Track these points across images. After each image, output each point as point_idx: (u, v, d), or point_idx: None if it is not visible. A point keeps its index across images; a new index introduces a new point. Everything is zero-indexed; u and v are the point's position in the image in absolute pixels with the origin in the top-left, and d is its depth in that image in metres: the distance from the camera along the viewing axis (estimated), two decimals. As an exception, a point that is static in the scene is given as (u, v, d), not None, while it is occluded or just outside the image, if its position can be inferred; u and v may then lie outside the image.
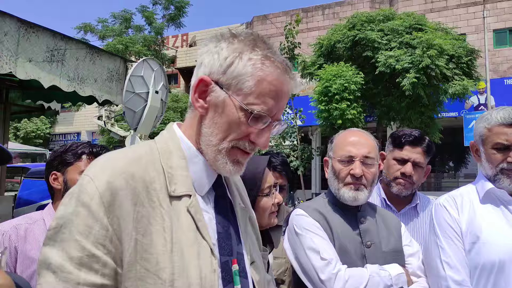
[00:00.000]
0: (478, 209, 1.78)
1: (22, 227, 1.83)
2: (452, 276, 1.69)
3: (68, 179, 1.91)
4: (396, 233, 1.87)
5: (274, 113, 1.04)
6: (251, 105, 1.01)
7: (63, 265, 0.89)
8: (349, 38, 14.95)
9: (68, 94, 4.71)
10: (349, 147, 1.82)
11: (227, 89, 1.02)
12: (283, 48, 14.16)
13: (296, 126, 14.83)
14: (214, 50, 1.05)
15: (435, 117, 15.42)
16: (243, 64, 1.01)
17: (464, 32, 18.73)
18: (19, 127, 27.60)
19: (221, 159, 1.04)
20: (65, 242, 0.91)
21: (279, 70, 1.03)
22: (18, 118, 19.93)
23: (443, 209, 1.83)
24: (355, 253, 1.73)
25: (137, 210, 0.94)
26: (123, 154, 1.02)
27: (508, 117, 1.72)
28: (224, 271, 1.01)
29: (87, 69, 4.58)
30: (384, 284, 1.64)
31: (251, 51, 1.02)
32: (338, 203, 1.83)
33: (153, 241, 0.93)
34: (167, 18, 22.97)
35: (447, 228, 1.78)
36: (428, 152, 2.28)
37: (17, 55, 3.75)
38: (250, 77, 1.01)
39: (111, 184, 0.93)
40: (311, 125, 18.76)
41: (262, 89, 1.01)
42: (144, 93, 6.96)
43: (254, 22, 24.13)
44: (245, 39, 1.04)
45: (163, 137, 1.09)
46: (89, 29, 22.36)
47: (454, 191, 1.91)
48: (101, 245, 0.90)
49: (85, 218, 0.91)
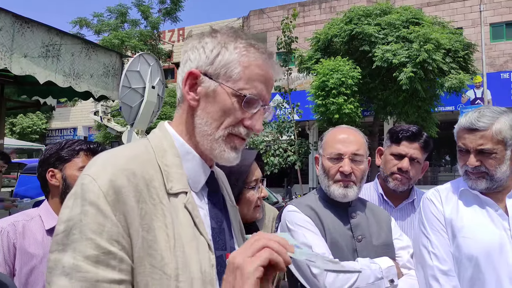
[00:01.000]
0: (460, 204, 1.85)
1: (19, 224, 1.84)
2: (438, 266, 1.77)
3: (67, 176, 1.92)
4: (386, 227, 1.91)
5: (264, 97, 1.07)
6: (242, 90, 1.04)
7: (78, 266, 0.88)
8: (346, 33, 14.93)
9: (64, 89, 4.69)
10: (338, 145, 1.85)
11: (216, 78, 1.05)
12: (280, 43, 14.14)
13: (293, 120, 14.84)
14: (199, 46, 1.08)
15: (432, 111, 15.45)
16: (229, 53, 1.05)
17: (461, 26, 18.73)
18: (15, 123, 27.50)
19: (218, 148, 1.06)
20: (77, 243, 0.89)
21: (264, 55, 1.08)
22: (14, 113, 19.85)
23: (429, 202, 1.91)
24: (346, 248, 1.77)
25: (141, 207, 0.94)
26: (121, 153, 1.02)
27: (467, 122, 1.78)
28: (219, 265, 1.03)
29: (83, 65, 4.56)
30: (374, 277, 1.68)
31: (235, 41, 1.07)
32: (329, 199, 1.87)
33: (156, 237, 0.94)
34: (163, 12, 22.85)
35: (433, 220, 1.86)
36: (426, 148, 2.29)
37: (12, 51, 3.73)
38: (238, 64, 1.04)
39: (113, 182, 0.93)
40: (308, 120, 18.77)
41: (250, 74, 1.05)
42: (140, 88, 6.93)
43: (250, 17, 24.06)
44: (227, 32, 1.09)
45: (156, 136, 1.10)
46: (85, 23, 22.23)
47: (442, 185, 1.98)
48: (115, 241, 0.90)
49: (95, 216, 0.90)
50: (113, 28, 21.80)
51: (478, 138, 1.74)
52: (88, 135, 28.19)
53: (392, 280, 1.71)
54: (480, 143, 1.74)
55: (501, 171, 1.75)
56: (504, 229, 1.74)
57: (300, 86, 19.13)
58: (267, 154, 14.58)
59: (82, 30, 22.20)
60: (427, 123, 15.03)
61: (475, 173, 1.78)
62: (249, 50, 1.06)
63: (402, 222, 2.30)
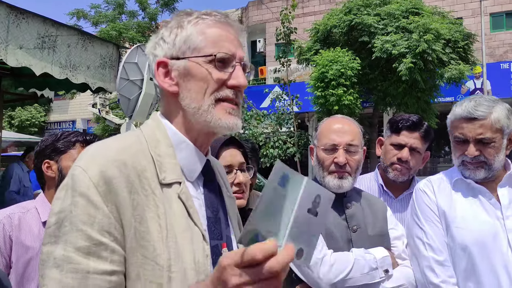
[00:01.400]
0: (454, 194, 1.85)
1: (15, 216, 1.84)
2: (434, 256, 1.77)
3: (62, 167, 1.92)
4: (381, 217, 1.90)
5: (235, 53, 1.07)
6: (211, 54, 1.04)
7: (69, 257, 0.88)
8: (345, 23, 14.83)
9: (60, 81, 4.66)
10: (332, 135, 1.83)
11: (183, 56, 1.05)
12: (279, 34, 14.04)
13: (293, 112, 14.80)
14: (158, 39, 1.10)
15: (432, 102, 15.41)
16: (185, 29, 1.07)
17: (461, 16, 18.61)
18: (13, 116, 27.44)
19: (212, 117, 1.04)
20: (68, 235, 0.89)
21: (218, 16, 1.09)
22: (12, 106, 19.80)
23: (422, 193, 1.91)
24: (341, 238, 1.77)
25: (133, 198, 0.94)
26: (112, 143, 1.02)
27: (464, 111, 1.75)
28: (214, 255, 1.03)
29: (79, 56, 4.52)
30: (369, 267, 1.68)
31: (187, 18, 1.09)
32: None
33: (149, 228, 0.94)
34: (161, 3, 22.68)
35: (427, 211, 1.85)
36: (426, 138, 2.27)
37: (7, 42, 3.70)
38: (197, 33, 1.06)
39: (104, 173, 0.92)
40: (308, 111, 18.72)
41: (212, 37, 1.06)
42: (138, 80, 6.90)
43: (249, 7, 23.90)
44: (178, 15, 1.12)
45: (149, 126, 1.10)
46: (82, 15, 22.04)
47: (434, 176, 1.98)
48: (106, 232, 0.90)
49: (86, 207, 0.90)
50: (110, 20, 21.64)
51: (477, 127, 1.73)
52: (87, 128, 28.15)
53: (387, 270, 1.72)
54: (480, 132, 1.73)
55: (498, 160, 1.75)
56: (497, 218, 1.74)
57: (299, 78, 19.05)
58: (266, 146, 14.55)
59: (80, 22, 22.10)
60: (427, 114, 14.98)
61: (473, 163, 1.77)
62: (202, 18, 1.08)
63: (403, 213, 2.29)
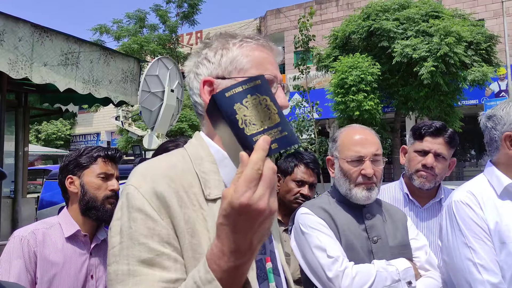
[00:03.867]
0: (501, 206, 1.67)
1: (39, 232, 1.86)
2: (489, 279, 1.59)
3: (84, 182, 1.93)
4: (402, 227, 1.86)
5: (277, 75, 1.12)
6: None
7: (135, 270, 0.91)
8: (364, 29, 14.75)
9: (84, 96, 4.76)
10: (357, 147, 1.80)
11: (229, 76, 1.09)
12: (297, 42, 14.03)
13: (313, 119, 14.70)
14: (201, 59, 1.13)
15: (455, 105, 15.11)
16: (231, 51, 1.11)
17: (482, 17, 18.27)
18: (40, 130, 28.13)
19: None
20: (130, 249, 0.92)
21: (261, 41, 1.14)
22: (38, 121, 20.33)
23: (466, 207, 1.71)
24: (361, 249, 1.74)
25: (184, 212, 0.97)
26: (159, 162, 1.06)
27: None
28: (258, 269, 1.04)
29: (102, 71, 4.63)
30: (391, 279, 1.64)
31: (230, 41, 1.13)
32: (344, 200, 1.83)
33: (200, 241, 0.97)
34: (180, 16, 23.02)
35: (475, 228, 1.66)
36: (451, 143, 2.21)
37: (32, 60, 3.81)
38: (242, 56, 1.10)
39: (155, 189, 0.96)
40: (328, 118, 18.61)
41: (257, 60, 1.10)
42: (159, 92, 7.00)
43: (267, 17, 24.02)
44: (218, 38, 1.15)
45: (193, 145, 1.13)
46: (105, 30, 22.56)
47: (471, 185, 1.80)
48: (167, 243, 0.93)
49: (144, 221, 0.94)
50: (132, 34, 22.06)
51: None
52: (111, 140, 28.62)
53: (410, 282, 1.67)
54: None
55: None
56: None
57: (318, 85, 18.97)
58: (287, 153, 14.48)
59: (103, 37, 22.56)
60: (451, 117, 14.70)
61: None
62: (246, 41, 1.13)
63: (429, 222, 2.23)
